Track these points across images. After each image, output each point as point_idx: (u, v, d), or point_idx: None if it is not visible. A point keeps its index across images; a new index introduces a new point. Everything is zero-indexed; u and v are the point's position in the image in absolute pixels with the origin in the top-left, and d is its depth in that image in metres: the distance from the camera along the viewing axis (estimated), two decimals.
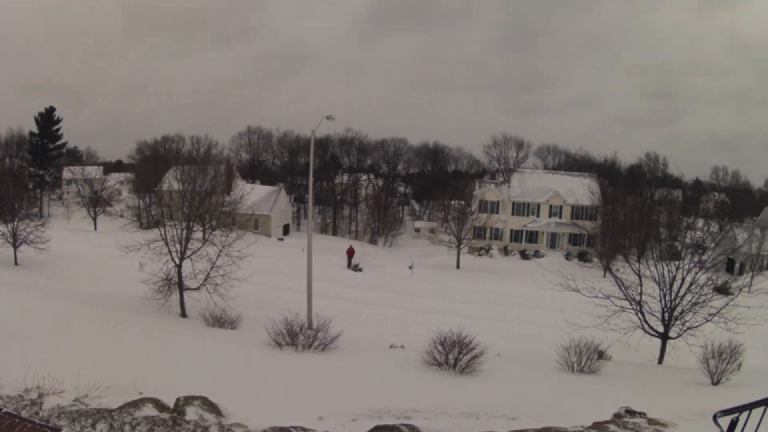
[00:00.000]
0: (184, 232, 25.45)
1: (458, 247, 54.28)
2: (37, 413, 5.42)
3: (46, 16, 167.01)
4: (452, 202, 70.18)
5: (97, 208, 65.11)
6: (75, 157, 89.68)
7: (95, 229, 61.40)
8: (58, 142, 79.87)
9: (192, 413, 5.80)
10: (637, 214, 53.86)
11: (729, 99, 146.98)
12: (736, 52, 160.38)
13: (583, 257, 56.37)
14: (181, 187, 49.37)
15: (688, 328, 21.01)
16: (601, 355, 19.23)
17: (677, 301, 21.37)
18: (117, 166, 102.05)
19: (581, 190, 63.07)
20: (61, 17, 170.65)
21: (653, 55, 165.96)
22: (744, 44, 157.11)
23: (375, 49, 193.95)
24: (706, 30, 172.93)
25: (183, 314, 24.82)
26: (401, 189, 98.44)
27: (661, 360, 21.63)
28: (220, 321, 22.92)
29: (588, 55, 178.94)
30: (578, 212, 62.62)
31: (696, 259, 21.96)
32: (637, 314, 22.05)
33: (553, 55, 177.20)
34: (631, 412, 8.00)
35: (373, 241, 73.52)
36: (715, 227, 34.46)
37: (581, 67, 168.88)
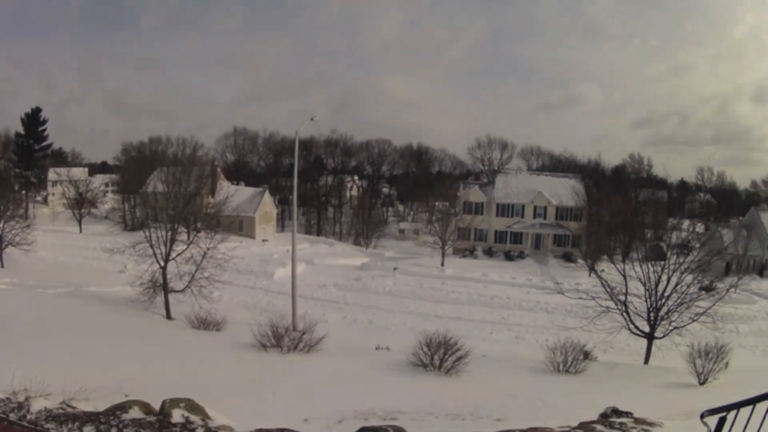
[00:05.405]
0: (169, 234, 25.37)
1: (443, 248, 54.33)
2: (25, 416, 5.37)
3: None
4: (437, 204, 70.28)
5: (82, 210, 64.47)
6: (60, 158, 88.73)
7: (80, 230, 60.79)
8: (44, 143, 79.00)
9: (178, 416, 5.77)
10: (622, 214, 54.03)
11: None
12: None
13: (568, 258, 56.61)
14: (166, 188, 48.95)
15: (675, 328, 21.16)
16: (586, 355, 19.34)
17: (663, 302, 21.52)
18: (102, 168, 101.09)
19: (566, 191, 63.08)
20: None
21: None
22: None
23: None
24: None
25: (168, 316, 24.70)
26: (385, 190, 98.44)
27: (647, 360, 21.79)
28: (205, 323, 22.80)
29: None
30: (563, 213, 62.62)
31: (681, 260, 22.07)
32: (622, 314, 22.19)
33: None
34: (617, 412, 8.03)
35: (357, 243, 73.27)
36: (700, 228, 34.87)
37: None
